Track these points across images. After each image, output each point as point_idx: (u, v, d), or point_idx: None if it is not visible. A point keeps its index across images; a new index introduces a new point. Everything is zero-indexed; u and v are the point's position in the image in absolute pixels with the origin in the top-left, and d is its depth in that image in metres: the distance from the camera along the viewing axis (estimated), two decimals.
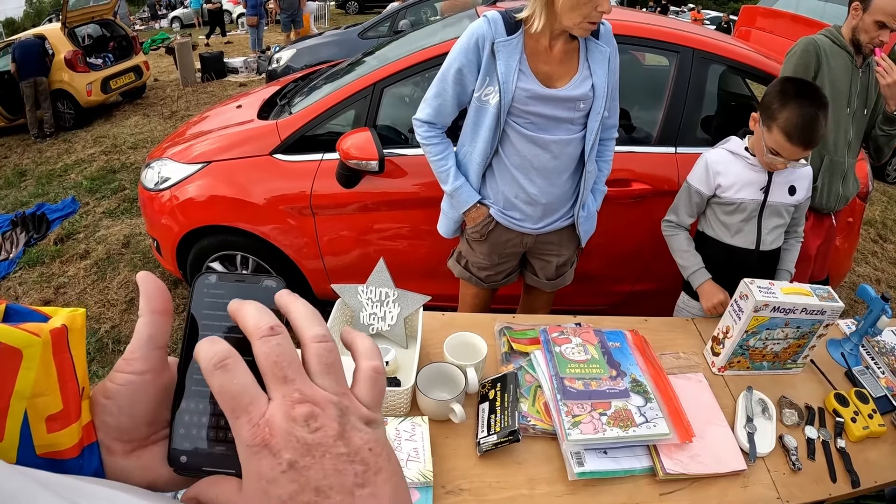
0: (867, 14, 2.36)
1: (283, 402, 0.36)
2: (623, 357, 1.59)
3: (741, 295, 1.67)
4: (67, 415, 0.40)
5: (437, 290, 2.07)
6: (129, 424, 0.42)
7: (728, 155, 2.08)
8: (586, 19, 1.78)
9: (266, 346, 0.38)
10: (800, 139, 1.82)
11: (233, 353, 0.38)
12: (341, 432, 0.36)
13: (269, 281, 0.44)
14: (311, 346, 0.39)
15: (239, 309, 0.41)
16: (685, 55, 2.71)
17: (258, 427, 0.35)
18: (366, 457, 0.36)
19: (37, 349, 0.39)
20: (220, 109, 3.89)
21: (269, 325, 0.39)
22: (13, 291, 4.16)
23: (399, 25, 7.43)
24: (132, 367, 0.42)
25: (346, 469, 0.35)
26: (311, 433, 0.35)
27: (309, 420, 0.35)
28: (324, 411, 0.36)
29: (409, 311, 1.69)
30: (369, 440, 0.37)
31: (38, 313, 0.42)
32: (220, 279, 0.45)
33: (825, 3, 4.27)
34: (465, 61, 1.92)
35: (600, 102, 1.96)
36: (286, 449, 0.34)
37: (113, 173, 6.26)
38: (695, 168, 2.16)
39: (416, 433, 1.37)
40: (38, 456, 0.39)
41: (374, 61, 3.29)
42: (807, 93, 1.85)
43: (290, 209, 2.90)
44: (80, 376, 0.42)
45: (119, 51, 9.25)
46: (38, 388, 0.39)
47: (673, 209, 2.23)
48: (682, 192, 2.20)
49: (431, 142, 2.09)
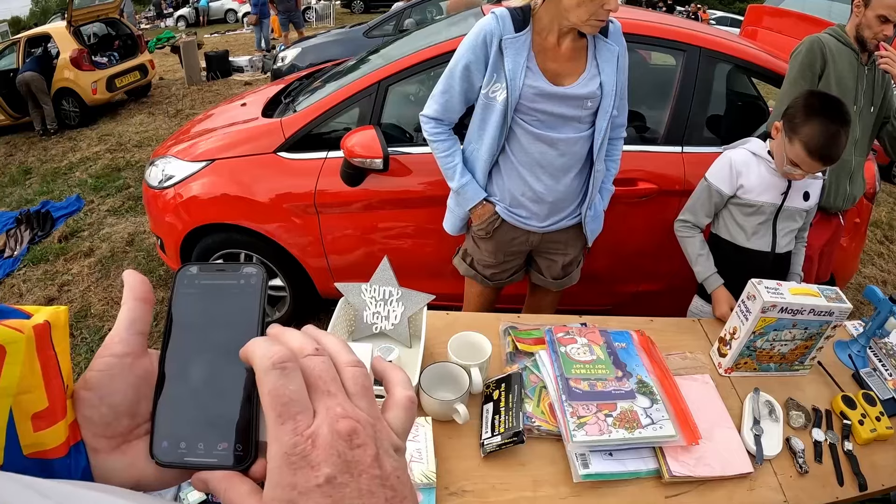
0: (869, 9, 2.37)
1: (328, 414, 0.36)
2: (629, 358, 1.58)
3: (749, 295, 1.65)
4: (53, 412, 0.40)
5: (441, 290, 2.06)
6: (110, 415, 0.42)
7: (751, 156, 2.06)
8: (593, 17, 1.77)
9: (311, 362, 0.38)
10: (820, 155, 1.83)
11: (293, 357, 0.38)
12: (377, 455, 0.36)
13: (248, 268, 0.45)
14: (346, 369, 0.40)
15: (282, 333, 0.41)
16: (692, 54, 2.70)
17: (302, 437, 0.35)
18: (395, 483, 0.37)
19: (20, 345, 0.38)
20: (224, 107, 3.89)
21: (314, 346, 0.40)
22: (17, 289, 4.16)
23: (404, 24, 7.42)
24: (112, 350, 0.43)
25: (378, 492, 0.35)
26: (352, 450, 0.35)
27: (352, 436, 0.36)
28: (364, 430, 0.37)
29: (412, 310, 1.68)
30: (398, 467, 0.38)
31: (20, 311, 0.41)
32: (201, 269, 0.46)
33: (831, 2, 4.24)
34: (473, 58, 1.91)
35: (608, 101, 1.95)
36: (326, 463, 0.34)
37: (118, 171, 6.27)
38: (715, 167, 2.14)
39: (420, 434, 1.36)
40: (26, 456, 0.39)
41: (378, 59, 3.28)
42: (831, 109, 1.84)
43: (294, 207, 2.90)
44: (64, 374, 0.41)
45: (124, 49, 9.29)
46: (22, 385, 0.38)
47: (690, 209, 2.20)
48: (700, 192, 2.17)
49: (438, 138, 2.08)
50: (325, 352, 0.40)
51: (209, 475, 0.40)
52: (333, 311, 1.69)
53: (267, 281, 0.45)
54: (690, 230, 2.17)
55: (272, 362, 0.37)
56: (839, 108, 1.86)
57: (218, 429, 0.41)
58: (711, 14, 19.98)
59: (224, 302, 0.44)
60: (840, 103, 1.88)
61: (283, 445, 0.35)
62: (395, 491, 0.36)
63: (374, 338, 1.71)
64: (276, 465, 0.35)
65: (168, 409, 0.42)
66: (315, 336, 0.42)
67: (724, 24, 16.77)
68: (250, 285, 0.44)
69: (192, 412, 0.42)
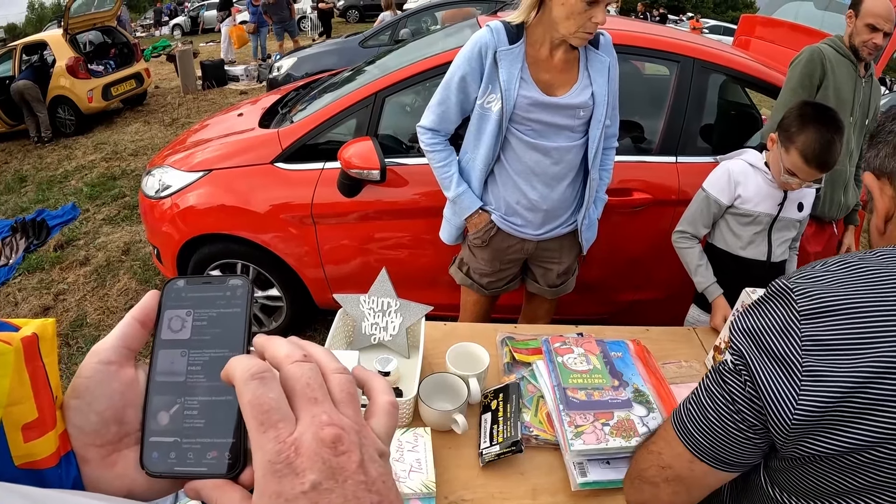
0: (859, 19, 2.43)
1: (312, 422, 0.36)
2: (625, 367, 1.59)
3: (743, 304, 1.67)
4: (43, 423, 0.40)
5: (437, 300, 2.07)
6: (98, 422, 0.43)
7: (749, 167, 2.09)
8: (581, 29, 1.80)
9: (299, 369, 0.39)
10: (817, 162, 1.86)
11: (270, 369, 0.39)
12: (361, 461, 0.36)
13: (234, 280, 0.46)
14: (333, 376, 0.40)
15: (269, 341, 0.42)
16: (686, 65, 2.73)
17: (285, 444, 0.35)
18: (381, 488, 0.36)
19: (9, 357, 0.39)
20: (221, 117, 3.90)
21: (302, 353, 0.40)
22: (12, 297, 4.15)
23: (400, 34, 7.45)
24: (98, 358, 0.43)
25: (364, 497, 0.35)
26: (337, 456, 0.35)
27: (336, 443, 0.36)
28: (348, 436, 0.37)
29: (411, 322, 1.69)
30: (383, 473, 0.38)
31: (8, 324, 0.42)
32: (188, 283, 0.47)
33: (824, 12, 4.28)
34: (469, 69, 1.94)
35: (601, 110, 1.98)
36: (311, 470, 0.34)
37: (113, 180, 6.27)
38: (713, 177, 2.16)
39: (419, 444, 1.37)
40: (17, 467, 0.39)
41: (375, 70, 3.30)
42: (825, 117, 1.87)
43: (291, 218, 2.90)
44: (53, 385, 0.42)
45: (120, 58, 9.29)
46: (12, 396, 0.39)
47: (688, 220, 2.21)
48: (698, 203, 2.18)
49: (435, 149, 2.11)
50: (313, 359, 0.41)
51: (201, 484, 0.40)
52: (330, 322, 1.70)
53: (253, 292, 0.47)
54: (689, 241, 2.19)
55: (250, 374, 0.37)
56: (833, 116, 1.89)
57: (207, 438, 0.42)
58: (705, 23, 20.10)
59: (210, 314, 0.45)
60: (833, 112, 1.91)
61: (266, 453, 0.35)
62: (381, 496, 0.36)
63: (373, 349, 1.72)
64: (262, 474, 0.35)
65: (157, 420, 0.43)
66: (300, 344, 0.43)
67: (717, 33, 16.90)
68: (236, 297, 0.45)
69: (181, 422, 0.42)
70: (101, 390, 0.43)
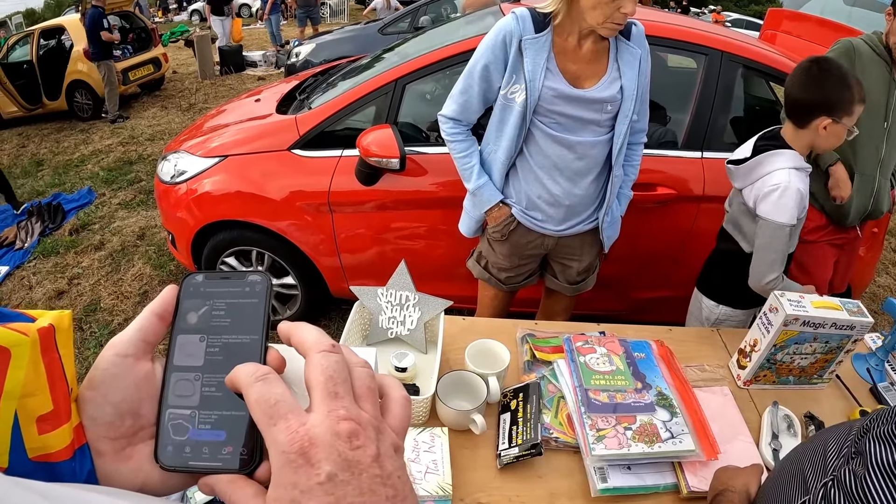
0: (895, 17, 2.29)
1: (329, 416, 0.36)
2: (648, 369, 1.55)
3: (770, 308, 1.62)
4: (58, 415, 0.40)
5: (453, 292, 2.03)
6: (113, 414, 0.43)
7: (799, 173, 1.90)
8: (609, 20, 1.74)
9: (326, 359, 0.39)
10: (860, 95, 1.86)
11: (273, 371, 0.39)
12: (377, 455, 0.37)
13: (254, 276, 0.46)
14: (355, 369, 0.41)
15: (296, 327, 0.42)
16: (714, 58, 2.66)
17: (297, 434, 0.35)
18: (395, 483, 0.37)
19: (25, 348, 0.39)
20: (238, 103, 3.88)
21: (330, 342, 0.41)
22: (27, 281, 4.17)
23: (420, 21, 7.39)
24: (115, 350, 0.43)
25: (380, 491, 0.36)
26: (353, 450, 0.36)
27: (352, 437, 0.36)
28: (364, 431, 0.37)
29: (429, 316, 1.66)
30: (398, 467, 0.38)
31: (24, 315, 0.42)
32: (207, 277, 0.47)
33: (851, 8, 4.20)
34: (492, 58, 1.88)
35: (629, 105, 1.91)
36: (327, 461, 0.34)
37: (130, 165, 6.28)
38: (780, 204, 1.86)
39: (436, 444, 1.34)
40: (31, 460, 0.39)
41: (395, 57, 3.26)
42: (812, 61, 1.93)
43: (307, 206, 2.88)
44: (68, 377, 0.42)
45: (138, 42, 9.34)
46: (27, 388, 0.39)
47: (773, 265, 1.90)
48: (777, 240, 1.88)
49: (456, 139, 2.06)
50: (342, 350, 0.41)
51: (215, 479, 0.40)
52: (344, 310, 1.67)
53: (272, 288, 0.46)
54: (783, 280, 1.94)
55: (254, 378, 0.38)
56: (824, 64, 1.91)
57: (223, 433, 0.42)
58: (727, 16, 19.80)
59: (229, 309, 0.45)
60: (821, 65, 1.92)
61: (279, 445, 0.35)
62: (395, 490, 0.36)
63: (390, 343, 1.68)
64: (278, 467, 0.35)
65: (173, 414, 0.43)
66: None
67: (739, 27, 16.64)
68: (255, 293, 0.45)
69: (196, 417, 0.42)
70: (117, 382, 0.43)
